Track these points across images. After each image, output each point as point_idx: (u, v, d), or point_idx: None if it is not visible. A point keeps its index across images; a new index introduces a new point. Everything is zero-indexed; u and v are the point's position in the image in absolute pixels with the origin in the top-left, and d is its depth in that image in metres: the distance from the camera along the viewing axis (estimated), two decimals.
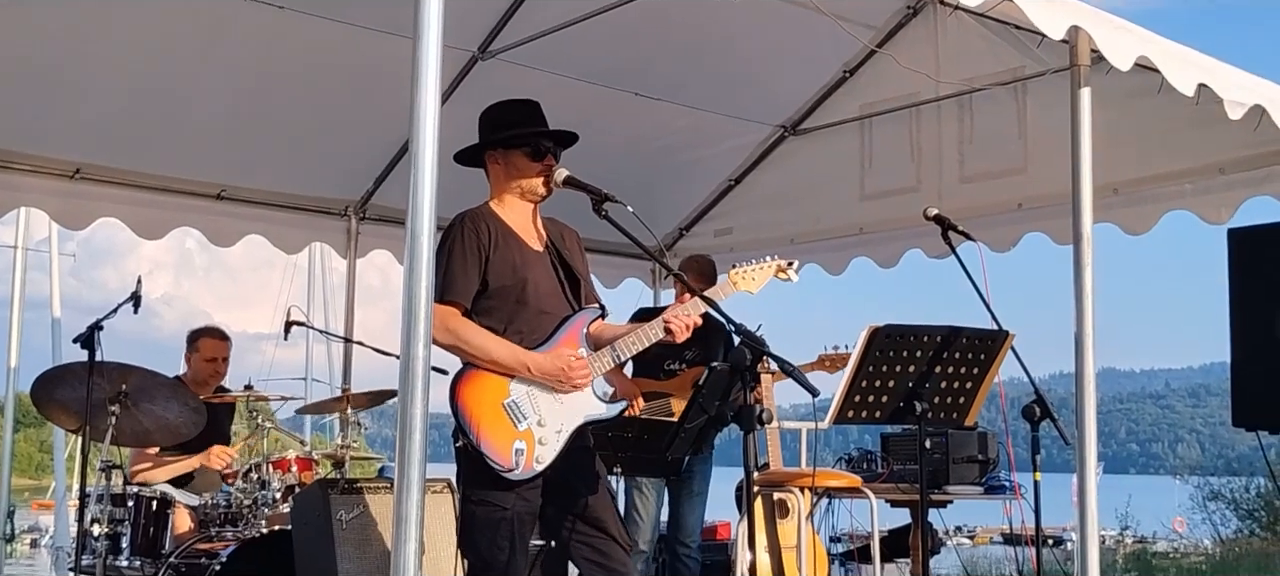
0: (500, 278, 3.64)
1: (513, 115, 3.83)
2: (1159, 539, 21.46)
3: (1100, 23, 3.98)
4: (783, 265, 3.85)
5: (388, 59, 5.34)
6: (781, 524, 5.37)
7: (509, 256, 3.68)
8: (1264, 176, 5.17)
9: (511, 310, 3.64)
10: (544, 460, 3.54)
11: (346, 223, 6.73)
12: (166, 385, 5.08)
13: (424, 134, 2.56)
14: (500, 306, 3.65)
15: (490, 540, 3.50)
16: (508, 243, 3.70)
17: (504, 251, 3.67)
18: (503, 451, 3.49)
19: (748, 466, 3.41)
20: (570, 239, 3.92)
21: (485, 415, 3.51)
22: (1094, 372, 4.11)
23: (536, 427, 3.56)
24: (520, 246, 3.73)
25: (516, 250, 3.71)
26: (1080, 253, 4.13)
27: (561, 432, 3.58)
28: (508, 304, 3.64)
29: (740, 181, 7.25)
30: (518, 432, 3.52)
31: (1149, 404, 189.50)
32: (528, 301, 3.66)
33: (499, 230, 3.70)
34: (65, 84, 5.35)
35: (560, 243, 3.85)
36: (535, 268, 3.73)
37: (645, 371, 5.99)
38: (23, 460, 45.96)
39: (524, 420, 3.55)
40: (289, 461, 5.25)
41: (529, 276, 3.68)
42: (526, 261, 3.71)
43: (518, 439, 3.52)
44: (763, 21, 5.56)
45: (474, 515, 3.54)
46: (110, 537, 4.88)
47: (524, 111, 3.84)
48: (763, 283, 3.82)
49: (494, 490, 3.51)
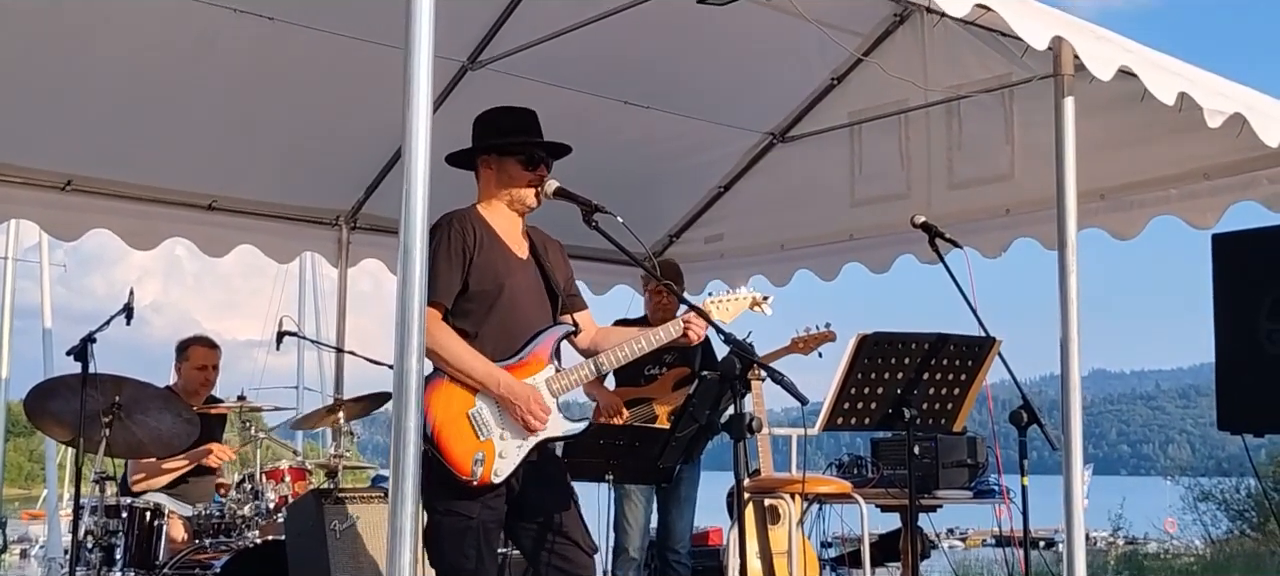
0: (481, 282, 3.66)
1: (509, 122, 3.85)
2: (1150, 540, 21.55)
3: (1082, 33, 4.03)
4: (758, 298, 3.89)
5: (378, 69, 5.36)
6: (773, 530, 5.41)
7: (492, 261, 3.71)
8: (1247, 181, 5.22)
9: (487, 315, 3.67)
10: (501, 473, 3.59)
11: (338, 232, 6.75)
12: (159, 396, 5.10)
13: (416, 148, 2.59)
14: (476, 310, 3.67)
15: (457, 548, 3.55)
16: (492, 247, 3.73)
17: (488, 255, 3.70)
18: (462, 461, 3.53)
19: (739, 473, 3.45)
20: (553, 250, 3.95)
21: (449, 423, 3.54)
22: (1080, 377, 4.15)
23: (498, 441, 3.61)
24: (504, 253, 3.76)
25: (500, 256, 3.74)
26: (1065, 259, 4.17)
27: (521, 448, 3.63)
28: (484, 308, 3.67)
29: (729, 188, 7.28)
30: (479, 443, 3.57)
31: (1139, 405, 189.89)
32: (505, 308, 3.70)
33: (484, 233, 3.73)
34: (56, 96, 5.36)
35: (543, 253, 3.88)
36: (517, 275, 3.76)
37: (625, 378, 6.03)
38: (12, 470, 45.71)
39: (486, 432, 3.59)
40: (282, 471, 5.25)
41: (509, 283, 3.72)
42: (509, 268, 3.74)
43: (478, 449, 3.56)
44: (750, 29, 5.59)
45: (440, 525, 3.57)
46: (104, 548, 4.89)
47: (521, 119, 3.86)
48: (737, 314, 3.89)
49: (459, 499, 3.55)
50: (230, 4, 4.96)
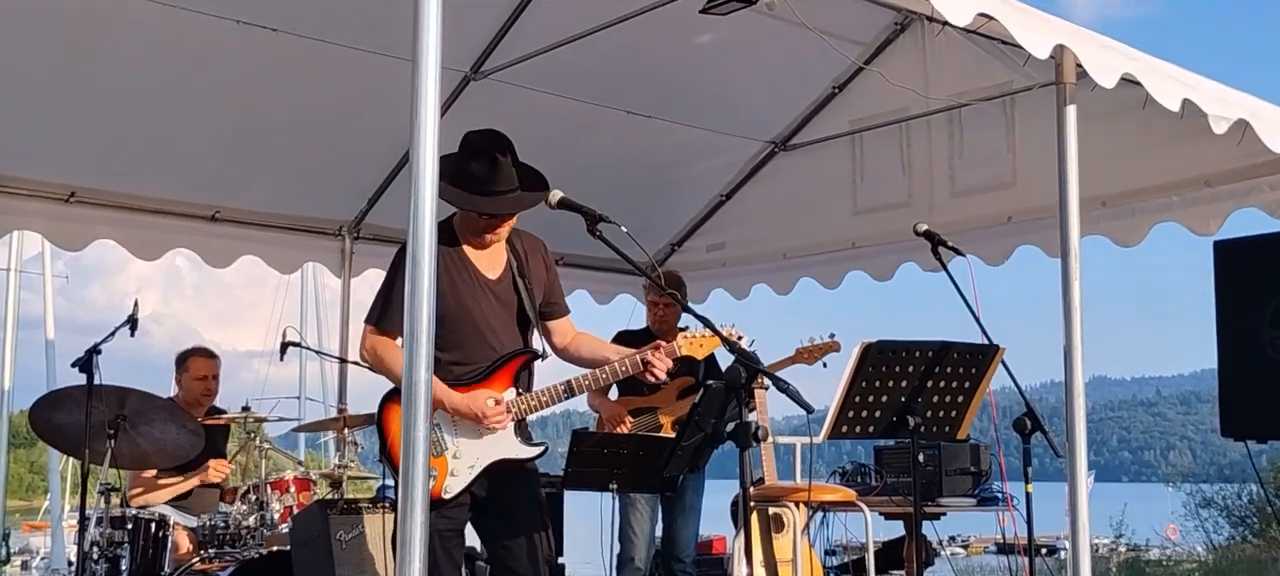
0: (444, 305, 3.62)
1: (473, 168, 3.71)
2: (1152, 546, 21.48)
3: (1085, 41, 4.04)
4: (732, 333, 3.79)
5: (380, 79, 5.40)
6: (777, 538, 5.40)
7: (457, 286, 3.75)
8: (1249, 188, 5.23)
9: (451, 338, 3.72)
10: (452, 490, 3.71)
11: (341, 243, 6.77)
12: (164, 407, 5.10)
13: (424, 159, 2.60)
14: (440, 334, 3.66)
15: None
16: (459, 271, 3.77)
17: (453, 280, 3.73)
18: None
19: (744, 482, 3.45)
20: (536, 258, 3.96)
21: None
22: (1084, 383, 4.16)
23: (452, 459, 3.73)
24: (472, 275, 3.80)
25: (464, 279, 3.78)
26: (1068, 267, 4.18)
27: (474, 467, 3.74)
28: (446, 331, 3.65)
29: (731, 197, 7.29)
30: (432, 459, 3.63)
31: (1140, 411, 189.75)
32: (469, 332, 3.78)
33: (452, 257, 3.75)
34: (59, 108, 5.38)
35: (525, 262, 3.89)
36: (483, 299, 3.81)
37: (629, 388, 6.03)
38: (13, 481, 45.70)
39: (441, 448, 3.71)
40: (287, 482, 5.26)
41: (473, 307, 3.78)
42: (473, 291, 3.78)
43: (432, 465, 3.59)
44: (751, 38, 5.60)
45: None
46: (109, 560, 4.89)
47: (485, 165, 3.71)
48: (709, 350, 3.97)
49: None
50: (233, 15, 4.97)
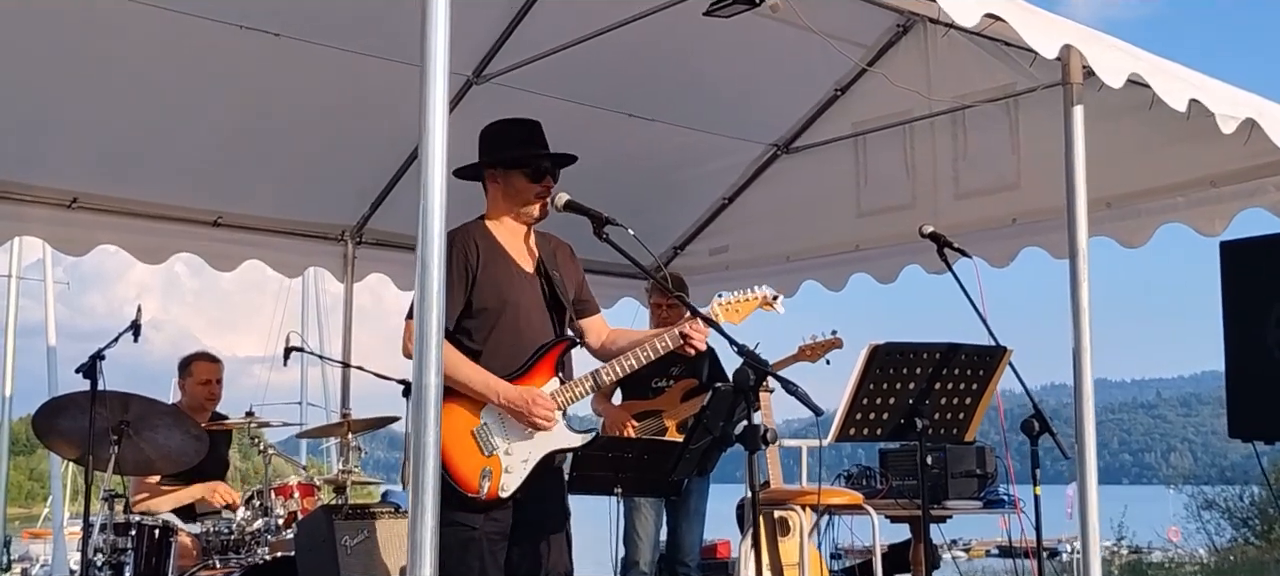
0: (484, 299, 3.67)
1: (514, 134, 3.85)
2: (1154, 549, 21.49)
3: (1092, 41, 4.02)
4: (768, 297, 3.81)
5: (383, 84, 5.39)
6: (783, 541, 5.39)
7: (495, 277, 3.71)
8: (1255, 189, 5.21)
9: (491, 331, 3.68)
10: (509, 488, 3.62)
11: (343, 247, 6.75)
12: (168, 413, 5.09)
13: (433, 164, 2.58)
14: (481, 327, 3.68)
15: (460, 560, 3.53)
16: (496, 263, 3.74)
17: (491, 272, 3.71)
18: (469, 477, 3.56)
19: (752, 485, 3.44)
20: (563, 256, 3.94)
21: (455, 440, 3.55)
22: (1092, 386, 4.15)
23: (504, 456, 3.63)
24: (509, 267, 3.76)
25: (504, 271, 3.74)
26: (1076, 268, 4.16)
27: (527, 462, 3.65)
28: (489, 325, 3.67)
29: (734, 199, 7.28)
30: (485, 459, 3.59)
31: (1141, 414, 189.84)
32: (510, 325, 3.71)
33: (489, 249, 3.74)
34: (61, 113, 5.37)
35: (552, 261, 3.87)
36: (522, 291, 3.76)
37: (633, 391, 6.02)
38: (13, 489, 45.65)
39: (492, 447, 3.62)
40: (291, 487, 5.23)
41: (512, 299, 3.73)
42: (513, 284, 3.75)
43: (485, 465, 3.58)
44: (753, 41, 5.59)
45: (443, 536, 3.58)
46: (113, 566, 4.87)
47: (525, 132, 3.86)
48: (746, 315, 3.83)
49: (463, 511, 3.55)
50: (235, 20, 4.96)
